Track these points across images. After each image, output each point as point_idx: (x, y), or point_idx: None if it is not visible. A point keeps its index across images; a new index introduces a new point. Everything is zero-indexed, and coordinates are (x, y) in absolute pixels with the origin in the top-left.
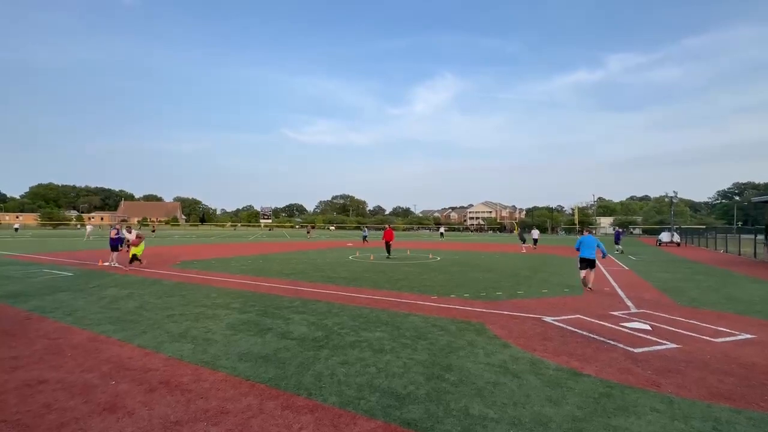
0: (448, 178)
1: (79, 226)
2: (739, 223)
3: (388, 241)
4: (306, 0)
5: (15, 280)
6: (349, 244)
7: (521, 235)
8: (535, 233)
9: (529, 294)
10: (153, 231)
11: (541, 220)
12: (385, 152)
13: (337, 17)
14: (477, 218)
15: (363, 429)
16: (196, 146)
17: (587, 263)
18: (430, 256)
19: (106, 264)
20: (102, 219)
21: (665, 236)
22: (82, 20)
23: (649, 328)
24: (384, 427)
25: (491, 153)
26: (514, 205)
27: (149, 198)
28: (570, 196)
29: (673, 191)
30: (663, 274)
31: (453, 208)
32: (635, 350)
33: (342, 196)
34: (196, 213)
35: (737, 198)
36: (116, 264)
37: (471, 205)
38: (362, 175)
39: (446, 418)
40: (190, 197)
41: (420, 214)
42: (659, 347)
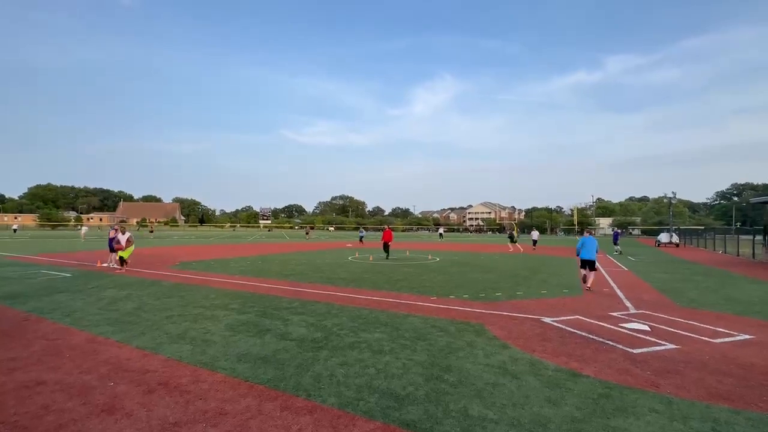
0: (448, 179)
1: (78, 227)
2: (738, 223)
3: (387, 242)
4: (306, 0)
5: (13, 281)
6: (349, 245)
7: (511, 234)
8: (535, 234)
9: (528, 295)
10: (151, 232)
11: (540, 221)
12: (385, 153)
13: (337, 18)
14: (476, 219)
15: (362, 430)
16: (195, 147)
17: (587, 264)
18: (430, 257)
19: (105, 265)
20: (101, 220)
21: (664, 237)
22: (82, 20)
23: (648, 328)
24: (383, 428)
25: (491, 154)
26: (513, 206)
27: (148, 199)
28: (569, 197)
29: (672, 192)
30: (662, 274)
31: (452, 209)
32: (634, 351)
33: (341, 197)
34: (195, 214)
35: (736, 199)
36: (115, 265)
37: (470, 206)
38: (362, 175)
39: (445, 419)
40: (189, 198)
41: (419, 215)
42: (658, 348)
